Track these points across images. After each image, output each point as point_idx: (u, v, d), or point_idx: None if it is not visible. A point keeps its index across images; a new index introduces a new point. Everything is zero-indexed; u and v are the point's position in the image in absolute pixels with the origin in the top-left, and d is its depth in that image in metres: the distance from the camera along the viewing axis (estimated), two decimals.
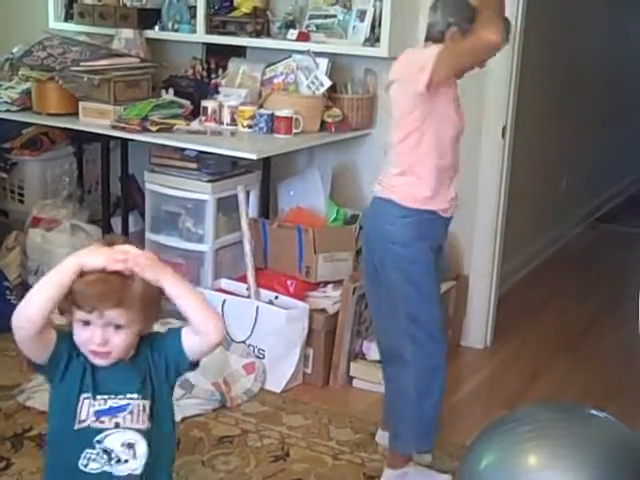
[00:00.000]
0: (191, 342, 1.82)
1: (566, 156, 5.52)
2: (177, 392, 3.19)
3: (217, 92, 4.02)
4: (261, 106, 3.85)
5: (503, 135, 3.83)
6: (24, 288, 4.04)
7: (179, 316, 1.83)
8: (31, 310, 1.70)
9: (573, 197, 5.80)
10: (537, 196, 5.06)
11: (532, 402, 3.32)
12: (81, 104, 3.87)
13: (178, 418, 3.14)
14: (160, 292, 1.76)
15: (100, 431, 1.76)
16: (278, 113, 3.72)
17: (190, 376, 3.24)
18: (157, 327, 1.92)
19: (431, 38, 2.67)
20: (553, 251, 5.44)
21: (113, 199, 4.18)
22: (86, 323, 1.76)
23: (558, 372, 3.82)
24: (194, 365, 1.86)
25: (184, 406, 3.21)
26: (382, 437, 3.02)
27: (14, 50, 4.30)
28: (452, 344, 3.90)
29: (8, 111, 4.03)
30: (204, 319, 1.78)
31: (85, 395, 1.77)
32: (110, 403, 1.77)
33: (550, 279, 4.97)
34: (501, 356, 3.98)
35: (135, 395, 1.79)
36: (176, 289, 1.75)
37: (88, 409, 1.77)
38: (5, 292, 3.87)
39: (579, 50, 5.41)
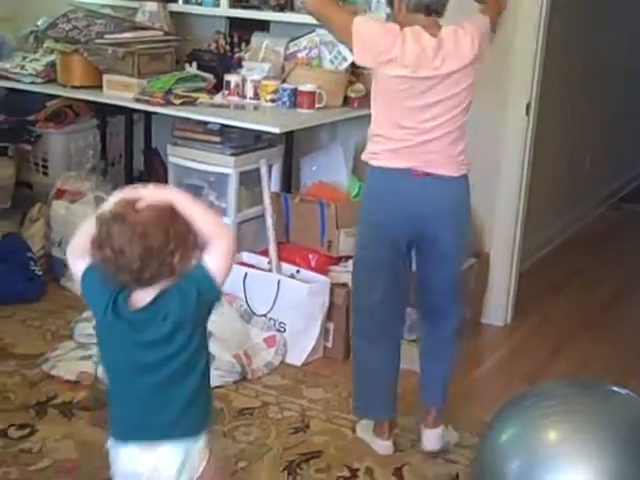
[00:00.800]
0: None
1: (590, 134, 5.48)
2: None
3: (240, 66, 4.02)
4: (284, 80, 3.85)
5: (527, 112, 3.81)
6: (48, 259, 4.09)
7: None
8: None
9: (596, 176, 5.77)
10: (560, 174, 5.04)
11: (553, 379, 3.32)
12: (105, 77, 3.89)
13: None
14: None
15: None
16: (301, 88, 3.72)
17: (211, 348, 3.26)
18: None
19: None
20: (575, 229, 5.41)
21: (136, 172, 4.20)
22: None
23: (579, 349, 3.81)
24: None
25: None
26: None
27: (39, 22, 4.32)
28: (472, 321, 3.91)
29: (33, 83, 4.05)
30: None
31: None
32: None
33: (572, 257, 4.96)
34: (522, 333, 3.98)
35: None
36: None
37: None
38: (29, 263, 3.91)
39: (605, 27, 5.36)
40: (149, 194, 1.80)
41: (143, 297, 1.80)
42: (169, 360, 1.81)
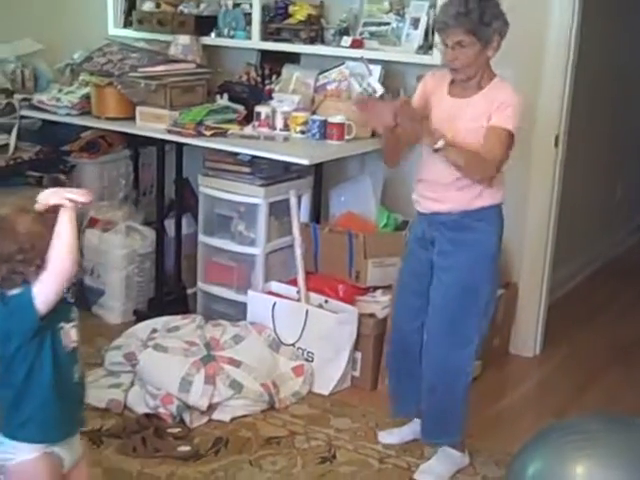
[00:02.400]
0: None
1: (620, 163, 5.47)
2: (226, 392, 3.25)
3: (271, 98, 4.07)
4: (314, 112, 3.90)
5: (556, 144, 3.82)
6: (79, 287, 4.14)
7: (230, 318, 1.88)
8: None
9: (628, 205, 5.74)
10: (590, 203, 5.02)
11: (581, 412, 3.30)
12: (138, 109, 3.96)
13: (227, 418, 3.22)
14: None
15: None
16: (331, 119, 3.76)
17: (239, 376, 3.30)
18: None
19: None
20: (606, 260, 5.38)
21: (167, 202, 4.25)
22: None
23: (608, 383, 3.79)
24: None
25: (233, 406, 3.28)
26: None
27: (75, 56, 4.41)
28: (500, 351, 3.91)
29: (68, 115, 4.13)
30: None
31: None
32: None
33: (603, 288, 4.93)
34: (550, 365, 3.96)
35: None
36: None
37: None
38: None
39: (632, 54, 5.36)
40: (43, 202, 2.00)
41: None
42: None
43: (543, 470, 2.32)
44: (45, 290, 1.97)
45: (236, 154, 3.77)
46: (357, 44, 3.94)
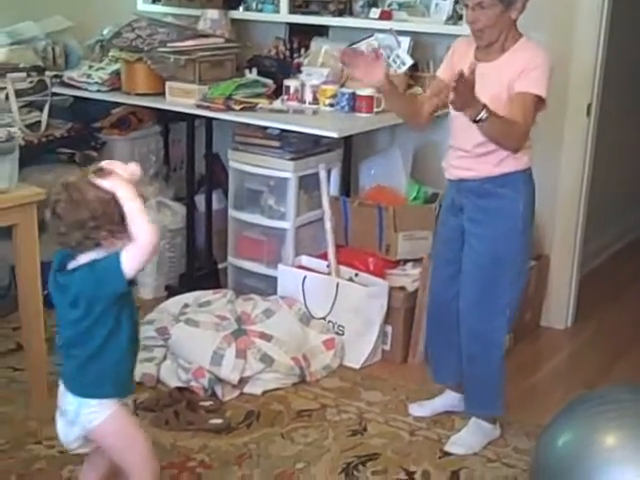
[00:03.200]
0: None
1: None
2: (257, 366, 3.27)
3: (299, 71, 4.06)
4: (343, 85, 3.88)
5: (588, 113, 3.77)
6: None
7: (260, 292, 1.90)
8: None
9: None
10: (622, 176, 4.96)
11: (612, 383, 3.28)
12: (168, 84, 3.96)
13: (259, 391, 3.25)
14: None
15: None
16: (360, 92, 3.74)
17: (271, 350, 3.32)
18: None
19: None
20: (635, 235, 5.32)
21: (197, 177, 4.27)
22: None
23: (638, 357, 3.75)
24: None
25: (264, 380, 3.30)
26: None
27: (104, 32, 4.42)
28: (532, 324, 3.90)
29: (99, 91, 4.15)
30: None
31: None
32: None
33: (634, 261, 4.88)
34: (582, 337, 3.94)
35: None
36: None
37: None
38: None
39: None
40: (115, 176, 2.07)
41: (76, 263, 2.11)
42: (71, 324, 2.14)
43: (573, 441, 2.32)
44: (132, 259, 2.04)
45: (265, 128, 3.77)
46: (386, 15, 3.91)
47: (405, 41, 3.85)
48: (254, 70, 4.06)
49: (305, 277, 3.64)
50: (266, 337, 3.38)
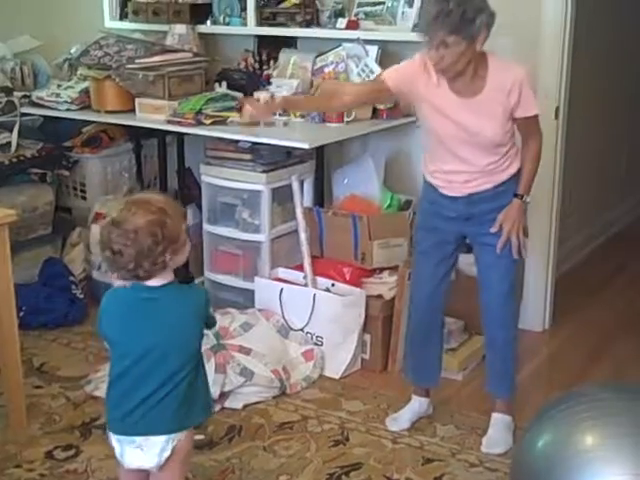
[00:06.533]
0: None
1: (623, 135, 5.43)
2: (237, 380, 3.26)
3: (269, 83, 4.07)
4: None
5: (556, 116, 3.80)
6: (89, 282, 4.17)
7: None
8: None
9: (635, 175, 5.70)
10: (597, 175, 5.00)
11: (592, 383, 3.30)
12: (137, 100, 3.96)
13: (240, 405, 3.25)
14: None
15: None
16: None
17: (250, 364, 3.31)
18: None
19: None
20: (614, 230, 5.37)
21: (171, 192, 4.26)
22: None
23: (619, 354, 3.78)
24: None
25: (245, 393, 3.29)
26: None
27: (72, 50, 4.41)
28: None
29: (68, 110, 4.15)
30: None
31: None
32: None
33: (611, 259, 4.91)
34: (560, 338, 3.96)
35: None
36: None
37: None
38: (71, 287, 3.99)
39: (636, 24, 5.31)
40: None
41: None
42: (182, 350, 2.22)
43: (552, 442, 2.32)
44: None
45: (237, 141, 3.77)
46: (353, 25, 3.93)
47: (373, 50, 3.87)
48: (224, 84, 4.06)
49: (282, 289, 3.63)
50: (245, 350, 3.37)
